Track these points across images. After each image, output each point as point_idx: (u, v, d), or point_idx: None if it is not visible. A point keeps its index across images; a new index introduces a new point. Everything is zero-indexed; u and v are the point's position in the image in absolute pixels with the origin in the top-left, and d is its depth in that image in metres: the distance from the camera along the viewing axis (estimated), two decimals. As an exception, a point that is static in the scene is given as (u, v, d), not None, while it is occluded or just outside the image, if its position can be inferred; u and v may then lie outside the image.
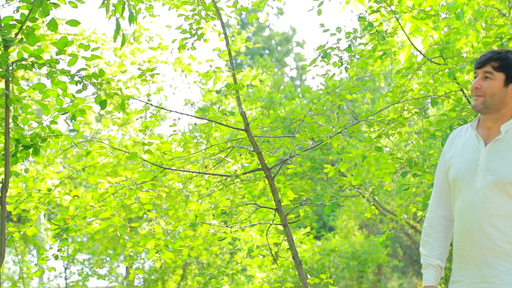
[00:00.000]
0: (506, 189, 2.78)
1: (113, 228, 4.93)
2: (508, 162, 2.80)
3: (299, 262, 4.73)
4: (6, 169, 3.98)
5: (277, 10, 30.35)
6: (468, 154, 2.93)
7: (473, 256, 2.84)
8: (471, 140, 2.96)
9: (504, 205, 2.78)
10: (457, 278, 2.92)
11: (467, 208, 2.87)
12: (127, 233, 4.99)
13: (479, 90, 2.90)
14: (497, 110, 2.89)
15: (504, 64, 2.88)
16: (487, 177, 2.82)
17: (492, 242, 2.79)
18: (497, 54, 2.93)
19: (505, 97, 2.88)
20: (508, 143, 2.85)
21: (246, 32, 12.99)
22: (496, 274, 2.77)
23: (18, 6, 3.92)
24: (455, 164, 2.97)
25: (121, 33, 4.23)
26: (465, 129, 3.05)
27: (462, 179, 2.91)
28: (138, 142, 4.76)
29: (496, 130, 2.90)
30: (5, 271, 14.75)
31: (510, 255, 2.77)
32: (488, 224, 2.79)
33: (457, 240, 2.94)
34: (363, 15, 5.01)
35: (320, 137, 4.80)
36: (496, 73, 2.89)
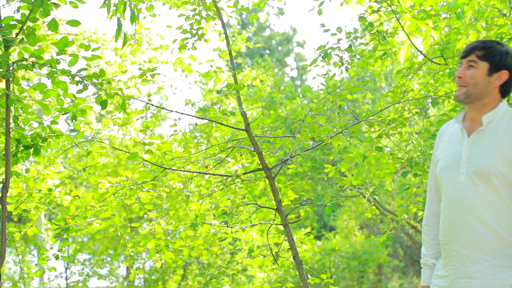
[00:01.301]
0: (489, 180, 2.74)
1: (114, 228, 4.93)
2: (490, 153, 2.76)
3: (300, 262, 4.73)
4: (7, 169, 3.98)
5: (277, 10, 30.35)
6: (453, 147, 2.90)
7: (457, 251, 2.80)
8: (456, 133, 2.92)
9: (488, 198, 2.74)
10: (444, 273, 2.88)
11: (451, 202, 2.83)
12: (127, 233, 4.99)
13: (462, 80, 2.87)
14: (479, 100, 2.86)
15: (488, 53, 2.85)
16: (470, 169, 2.78)
17: (477, 236, 2.75)
18: (482, 43, 2.90)
19: (489, 86, 2.85)
20: (490, 134, 2.81)
21: (246, 32, 13.00)
22: (480, 269, 2.73)
23: (18, 6, 3.93)
24: (441, 159, 2.94)
25: (123, 33, 4.23)
26: (452, 123, 3.02)
27: (447, 173, 2.87)
28: (139, 142, 4.76)
29: (479, 121, 2.86)
30: (5, 271, 14.75)
31: (494, 249, 2.73)
32: (473, 218, 2.75)
33: (442, 235, 2.90)
34: (364, 15, 5.01)
35: (321, 137, 4.80)
36: (480, 62, 2.85)
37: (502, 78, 2.85)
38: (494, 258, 2.73)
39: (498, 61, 2.84)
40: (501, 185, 2.73)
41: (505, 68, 2.85)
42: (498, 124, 2.81)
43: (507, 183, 2.74)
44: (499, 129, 2.80)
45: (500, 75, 2.85)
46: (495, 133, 2.80)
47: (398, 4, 4.98)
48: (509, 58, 2.87)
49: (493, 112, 2.84)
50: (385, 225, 5.24)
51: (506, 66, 2.86)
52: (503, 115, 2.84)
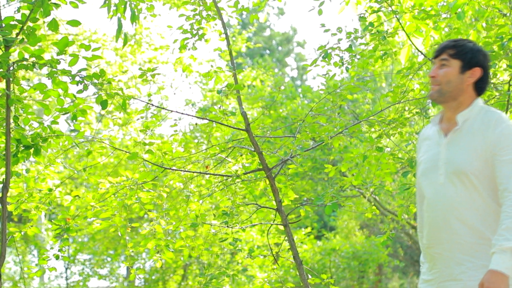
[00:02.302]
0: (468, 179, 2.72)
1: (114, 228, 4.93)
2: (467, 152, 2.74)
3: (300, 262, 4.73)
4: (7, 169, 3.98)
5: (277, 10, 30.35)
6: (432, 150, 2.88)
7: (441, 254, 2.78)
8: (434, 136, 2.90)
9: (468, 197, 2.72)
10: (429, 277, 2.86)
11: (432, 203, 2.81)
12: (128, 233, 4.99)
13: (435, 79, 2.85)
14: (454, 99, 2.84)
15: (460, 51, 2.84)
16: (448, 169, 2.76)
17: (459, 237, 2.72)
18: (453, 42, 2.89)
19: (462, 84, 2.83)
20: (466, 132, 2.79)
21: (247, 32, 13.01)
22: (464, 270, 2.71)
23: (19, 6, 3.93)
24: (421, 162, 2.92)
25: (123, 33, 4.23)
26: (430, 126, 2.99)
27: (427, 175, 2.86)
28: (139, 142, 4.76)
29: (455, 120, 2.84)
30: (6, 271, 14.75)
31: (477, 250, 2.71)
32: (454, 219, 2.73)
33: (425, 238, 2.88)
34: (364, 15, 5.01)
35: (321, 137, 4.80)
36: (452, 60, 2.83)
37: (475, 75, 2.84)
38: (478, 258, 2.70)
39: (470, 59, 2.83)
40: (480, 184, 2.72)
41: (477, 65, 2.84)
42: (473, 122, 2.79)
43: (485, 181, 2.72)
44: (475, 127, 2.77)
45: (473, 72, 2.83)
46: (470, 132, 2.78)
47: (399, 4, 4.98)
48: (481, 56, 2.85)
49: (468, 111, 2.82)
50: (386, 225, 5.24)
51: (478, 63, 2.84)
52: (477, 113, 2.81)
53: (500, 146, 2.70)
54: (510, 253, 2.57)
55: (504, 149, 2.69)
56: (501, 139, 2.71)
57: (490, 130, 2.73)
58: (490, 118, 2.77)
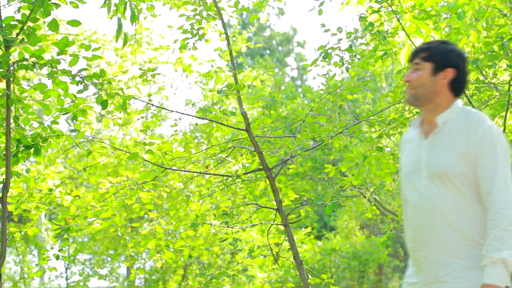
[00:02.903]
0: (450, 181, 2.70)
1: (114, 228, 4.93)
2: (448, 154, 2.72)
3: (300, 262, 4.73)
4: (7, 169, 3.98)
5: (278, 10, 30.35)
6: (413, 153, 2.87)
7: (425, 256, 2.76)
8: (415, 139, 2.89)
9: (452, 199, 2.70)
10: (414, 280, 2.84)
11: (416, 206, 2.79)
12: (128, 233, 4.99)
13: (410, 83, 2.84)
14: (430, 101, 2.82)
15: (431, 53, 2.82)
16: (430, 171, 2.75)
17: (444, 238, 2.70)
18: (426, 44, 2.87)
19: (435, 86, 2.81)
20: (447, 134, 2.77)
21: (247, 32, 13.01)
22: (449, 272, 2.69)
23: (19, 7, 3.93)
24: (404, 166, 2.91)
25: (123, 33, 4.23)
26: (411, 130, 2.98)
27: (410, 178, 2.84)
28: (139, 142, 4.76)
29: (435, 122, 2.82)
30: (6, 271, 14.75)
31: (462, 251, 2.69)
32: (438, 220, 2.71)
33: (409, 241, 2.86)
34: (364, 15, 5.01)
35: (321, 137, 4.80)
36: (424, 63, 2.82)
37: (448, 76, 2.81)
38: (463, 260, 2.68)
39: (441, 60, 2.81)
40: (463, 185, 2.70)
41: (449, 66, 2.81)
42: (454, 124, 2.77)
43: (468, 182, 2.70)
44: (455, 128, 2.76)
45: (445, 73, 2.81)
46: (451, 133, 2.76)
47: (399, 4, 4.98)
48: (454, 56, 2.83)
49: (448, 112, 2.80)
50: (386, 225, 5.24)
51: (450, 64, 2.81)
52: (458, 114, 2.80)
53: (482, 147, 2.68)
54: (500, 263, 2.56)
55: (486, 151, 2.68)
56: (483, 140, 2.69)
57: (472, 131, 2.71)
58: (471, 119, 2.75)
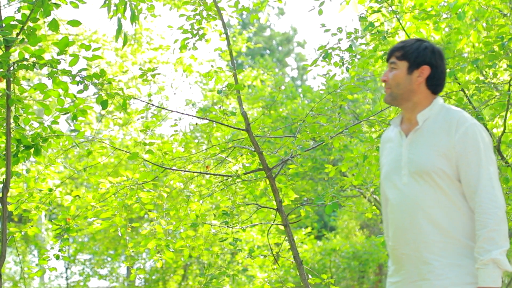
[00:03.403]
0: (431, 179, 2.68)
1: (114, 228, 4.94)
2: (429, 151, 2.71)
3: (300, 262, 4.74)
4: (7, 169, 3.98)
5: (278, 10, 30.35)
6: (394, 151, 2.85)
7: (408, 254, 2.74)
8: (396, 137, 2.87)
9: (433, 196, 2.68)
10: (397, 279, 2.82)
11: (397, 204, 2.78)
12: (128, 233, 5.00)
13: (387, 82, 2.83)
14: (408, 100, 2.81)
15: (406, 52, 2.80)
16: (411, 169, 2.73)
17: (425, 236, 2.68)
18: (401, 43, 2.86)
19: (411, 85, 2.79)
20: (427, 131, 2.75)
21: (247, 32, 13.01)
22: (431, 269, 2.67)
23: (19, 7, 3.93)
24: (384, 166, 2.90)
25: (123, 33, 4.23)
26: (391, 129, 2.96)
27: (390, 177, 2.83)
28: (139, 142, 4.76)
29: (415, 121, 2.81)
30: (6, 271, 14.75)
31: (444, 248, 2.67)
32: (420, 218, 2.69)
33: (391, 239, 2.83)
34: (364, 15, 5.01)
35: (321, 137, 4.80)
36: (399, 62, 2.81)
37: (424, 74, 2.79)
38: (445, 257, 2.67)
39: (416, 58, 2.79)
40: (444, 182, 2.68)
41: (425, 63, 2.79)
42: (435, 121, 2.76)
43: (449, 179, 2.68)
44: (436, 126, 2.75)
45: (421, 71, 2.79)
46: (432, 130, 2.75)
47: (399, 4, 4.99)
48: (429, 53, 2.81)
49: (428, 110, 2.79)
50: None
51: (425, 61, 2.80)
52: (438, 112, 2.78)
53: (465, 146, 2.67)
54: (492, 264, 2.56)
55: (469, 149, 2.67)
56: (465, 139, 2.67)
57: (453, 129, 2.70)
58: (452, 117, 2.73)
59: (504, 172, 5.08)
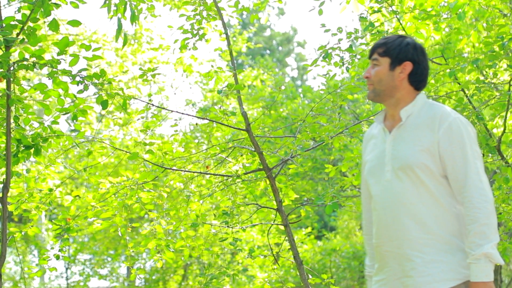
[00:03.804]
0: (414, 174, 2.68)
1: (114, 228, 4.94)
2: (412, 146, 2.70)
3: (300, 262, 4.74)
4: (8, 169, 3.98)
5: (278, 10, 30.36)
6: (377, 148, 2.85)
7: (391, 251, 2.74)
8: (379, 134, 2.87)
9: (416, 192, 2.68)
10: (381, 276, 2.82)
11: (380, 201, 2.77)
12: (128, 233, 5.00)
13: (369, 79, 2.84)
14: (390, 96, 2.82)
15: (388, 48, 2.81)
16: (395, 165, 2.73)
17: (408, 233, 2.68)
18: (383, 40, 2.86)
19: (394, 81, 2.80)
20: (410, 127, 2.75)
21: (247, 32, 13.00)
22: (414, 266, 2.67)
23: (19, 7, 3.93)
24: (367, 162, 2.89)
25: (123, 33, 4.23)
26: (374, 126, 2.97)
27: (374, 174, 2.82)
28: (139, 142, 4.76)
29: (398, 117, 2.81)
30: (6, 271, 14.76)
31: (426, 245, 2.67)
32: (403, 214, 2.69)
33: (375, 237, 2.83)
34: (364, 15, 5.01)
35: (322, 137, 4.80)
36: (381, 59, 2.81)
37: (406, 70, 2.80)
38: (427, 254, 2.66)
39: (398, 54, 2.80)
40: (427, 178, 2.68)
41: (407, 59, 2.80)
42: (418, 117, 2.76)
43: (432, 175, 2.68)
44: (419, 122, 2.74)
45: (403, 67, 2.80)
46: (415, 126, 2.75)
47: (399, 4, 4.98)
48: (411, 49, 2.81)
49: (411, 106, 2.79)
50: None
51: (407, 58, 2.80)
52: (421, 107, 2.78)
53: (450, 141, 2.67)
54: (484, 258, 2.56)
55: (455, 144, 2.66)
56: (449, 133, 2.67)
57: (437, 125, 2.69)
58: (435, 112, 2.73)
59: (504, 172, 5.09)
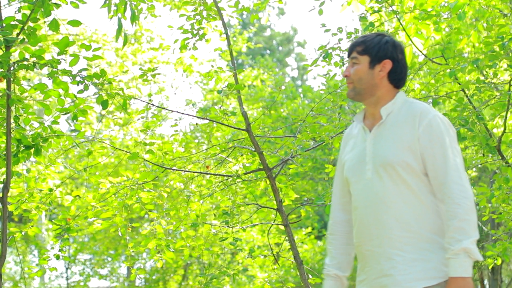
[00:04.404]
0: (396, 172, 2.65)
1: (115, 228, 4.94)
2: (393, 144, 2.68)
3: (301, 262, 4.74)
4: (8, 169, 3.98)
5: (278, 10, 30.35)
6: (358, 147, 2.82)
7: (372, 250, 2.71)
8: (359, 133, 2.84)
9: (397, 191, 2.65)
10: (362, 277, 2.80)
11: (361, 200, 2.74)
12: (128, 233, 5.00)
13: (349, 77, 2.81)
14: (371, 95, 2.79)
15: (367, 46, 2.78)
16: (375, 163, 2.70)
17: (388, 231, 2.65)
18: (362, 38, 2.83)
19: (374, 79, 2.77)
20: (391, 125, 2.73)
21: (247, 32, 13.00)
22: (394, 265, 2.64)
23: (19, 7, 3.93)
24: (347, 161, 2.85)
25: (123, 33, 4.23)
26: (354, 125, 2.93)
27: (354, 172, 2.79)
28: (140, 142, 4.76)
29: (379, 115, 2.78)
30: (6, 271, 14.77)
31: (407, 243, 2.64)
32: (383, 213, 2.66)
33: (355, 236, 2.80)
34: (365, 15, 5.01)
35: (322, 137, 4.80)
36: (361, 57, 2.78)
37: (386, 68, 2.77)
38: (408, 252, 2.63)
39: (377, 52, 2.77)
40: (409, 176, 2.65)
41: (386, 57, 2.77)
42: (398, 115, 2.74)
43: (414, 173, 2.65)
44: (400, 119, 2.72)
45: (383, 65, 2.77)
46: (396, 124, 2.72)
47: (399, 4, 4.98)
48: (390, 47, 2.79)
49: (391, 104, 2.76)
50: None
51: (387, 56, 2.77)
52: (401, 105, 2.76)
53: (430, 138, 2.65)
54: (463, 253, 2.53)
55: (435, 141, 2.64)
56: (429, 130, 2.65)
57: (417, 122, 2.67)
58: (415, 109, 2.71)
59: (504, 172, 5.09)
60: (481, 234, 6.23)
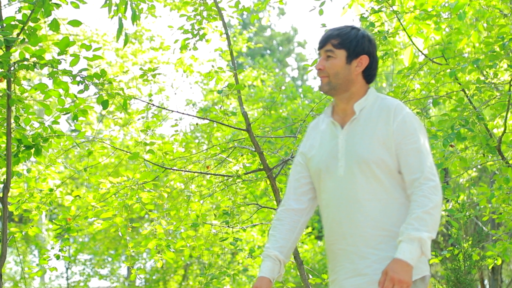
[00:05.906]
0: (369, 169, 2.60)
1: (115, 228, 4.94)
2: (367, 140, 2.62)
3: (301, 262, 4.74)
4: (8, 169, 3.99)
5: (278, 11, 30.36)
6: (327, 142, 2.74)
7: (344, 249, 2.64)
8: (328, 128, 2.77)
9: (370, 188, 2.60)
10: (333, 276, 2.71)
11: (333, 197, 2.67)
12: (128, 233, 5.00)
13: (323, 71, 2.72)
14: (345, 90, 2.72)
15: (344, 40, 2.70)
16: (349, 160, 2.63)
17: (362, 230, 2.59)
18: (336, 30, 2.74)
19: (350, 75, 2.70)
20: (364, 121, 2.67)
21: (247, 32, 13.02)
22: (369, 264, 2.58)
23: (20, 7, 3.93)
24: (315, 156, 2.77)
25: (124, 33, 4.23)
26: (321, 119, 2.85)
27: (325, 169, 2.70)
28: (140, 142, 4.76)
29: (351, 111, 2.71)
30: (6, 271, 14.77)
31: (381, 242, 2.58)
32: (357, 211, 2.60)
33: (327, 235, 2.73)
34: (365, 15, 5.01)
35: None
36: (337, 51, 2.70)
37: (363, 64, 2.72)
38: (382, 251, 2.58)
39: (355, 47, 2.71)
40: (382, 173, 2.60)
41: (363, 53, 2.72)
42: (371, 111, 2.68)
43: (387, 169, 2.61)
44: (373, 115, 2.67)
45: (360, 61, 2.71)
46: (369, 120, 2.67)
47: (400, 4, 4.99)
48: (367, 42, 2.73)
49: (364, 100, 2.71)
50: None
51: (364, 51, 2.72)
52: (374, 101, 2.71)
53: (403, 134, 2.61)
54: (417, 243, 2.47)
55: (408, 138, 2.60)
56: (403, 127, 2.61)
57: (391, 118, 2.63)
58: (389, 105, 2.67)
59: (504, 172, 5.08)
60: (481, 234, 6.22)
